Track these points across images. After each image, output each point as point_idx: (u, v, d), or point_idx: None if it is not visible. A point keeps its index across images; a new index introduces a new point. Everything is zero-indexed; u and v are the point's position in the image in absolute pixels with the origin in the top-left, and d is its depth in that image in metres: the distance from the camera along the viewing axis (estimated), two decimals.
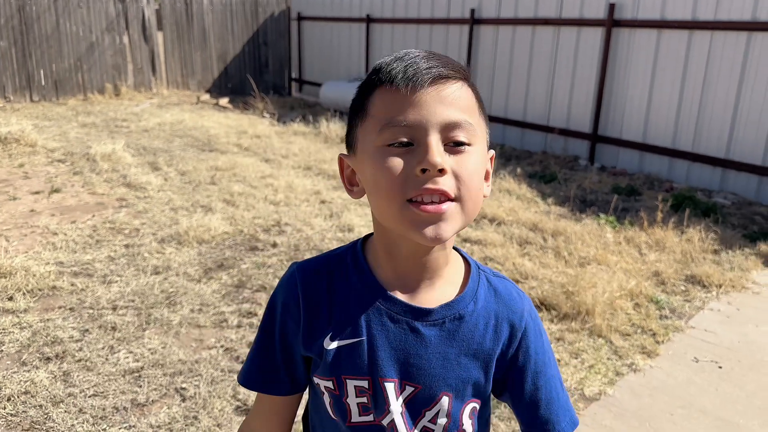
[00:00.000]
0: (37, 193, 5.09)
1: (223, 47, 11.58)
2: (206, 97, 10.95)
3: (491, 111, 8.13)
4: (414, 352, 0.85)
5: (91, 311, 3.15)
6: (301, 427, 1.05)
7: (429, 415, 0.86)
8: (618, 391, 2.70)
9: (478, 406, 0.90)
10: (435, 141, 0.75)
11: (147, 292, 3.38)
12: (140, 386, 2.55)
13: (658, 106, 6.36)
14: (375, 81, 0.80)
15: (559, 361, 2.89)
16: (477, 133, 0.79)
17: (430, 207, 0.75)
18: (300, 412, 1.02)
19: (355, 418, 0.86)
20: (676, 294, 3.67)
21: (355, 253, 0.91)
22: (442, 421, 0.86)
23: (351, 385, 0.85)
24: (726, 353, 3.04)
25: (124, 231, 4.30)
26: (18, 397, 2.44)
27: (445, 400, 0.86)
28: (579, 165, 6.93)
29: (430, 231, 0.76)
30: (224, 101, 10.56)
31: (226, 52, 11.62)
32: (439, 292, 0.87)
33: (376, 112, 0.79)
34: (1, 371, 2.61)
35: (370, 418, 0.86)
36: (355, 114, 0.84)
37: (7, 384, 2.51)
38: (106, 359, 2.73)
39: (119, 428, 2.30)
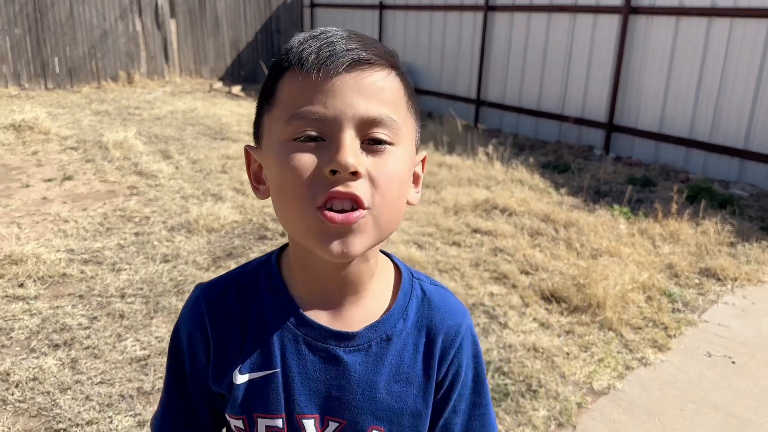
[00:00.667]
0: (49, 180, 5.13)
1: (236, 35, 11.55)
2: (219, 84, 10.95)
3: (504, 99, 8.03)
4: (336, 383, 0.74)
5: (99, 299, 3.17)
6: None
7: None
8: (627, 385, 2.66)
9: None
10: (349, 138, 0.64)
11: (155, 280, 3.39)
12: (146, 374, 2.56)
13: (675, 95, 6.23)
14: (284, 62, 0.69)
15: (568, 354, 2.85)
16: (401, 132, 0.68)
17: (338, 217, 0.64)
18: None
19: None
20: (690, 287, 3.61)
21: (269, 267, 0.79)
22: None
23: (262, 425, 0.74)
24: (740, 348, 2.98)
25: (135, 219, 4.31)
26: (26, 383, 2.46)
27: None
28: (593, 155, 6.83)
29: (336, 246, 0.65)
30: (237, 89, 10.56)
31: (238, 40, 11.59)
32: (364, 309, 0.76)
33: (284, 99, 0.68)
34: (11, 357, 2.64)
35: None
36: (263, 99, 0.72)
37: (16, 370, 2.53)
38: (114, 347, 2.75)
39: (125, 416, 2.31)
